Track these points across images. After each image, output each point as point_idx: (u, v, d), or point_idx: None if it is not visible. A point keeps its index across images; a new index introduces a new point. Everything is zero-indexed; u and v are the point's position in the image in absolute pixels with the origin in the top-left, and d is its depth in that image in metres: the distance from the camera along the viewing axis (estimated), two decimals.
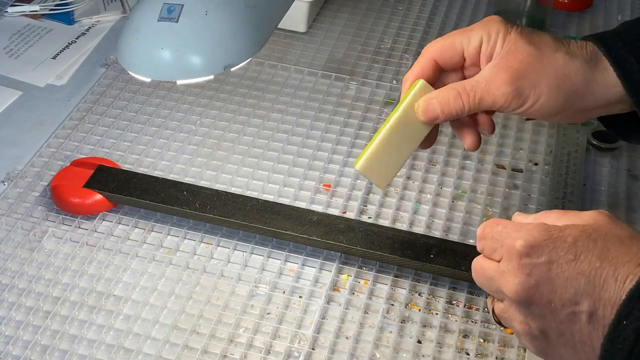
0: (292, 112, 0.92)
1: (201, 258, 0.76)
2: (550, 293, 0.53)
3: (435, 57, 0.65)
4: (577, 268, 0.52)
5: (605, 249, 0.52)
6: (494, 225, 0.57)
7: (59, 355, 0.68)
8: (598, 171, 0.86)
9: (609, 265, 0.52)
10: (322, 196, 0.83)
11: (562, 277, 0.53)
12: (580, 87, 0.63)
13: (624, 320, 0.50)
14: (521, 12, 1.03)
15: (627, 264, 0.51)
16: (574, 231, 0.54)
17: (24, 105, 0.95)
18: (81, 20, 1.08)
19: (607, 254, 0.52)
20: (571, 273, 0.53)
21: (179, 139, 0.89)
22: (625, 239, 0.53)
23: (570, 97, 0.63)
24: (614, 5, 1.10)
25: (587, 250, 0.53)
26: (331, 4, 1.10)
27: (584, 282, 0.52)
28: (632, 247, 0.53)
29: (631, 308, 0.50)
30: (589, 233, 0.53)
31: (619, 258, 0.52)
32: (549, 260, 0.53)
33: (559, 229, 0.54)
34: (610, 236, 0.53)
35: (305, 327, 0.71)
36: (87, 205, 0.79)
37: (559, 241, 0.53)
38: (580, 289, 0.52)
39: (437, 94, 0.64)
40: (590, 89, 0.63)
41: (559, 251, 0.53)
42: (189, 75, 0.71)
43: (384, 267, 0.75)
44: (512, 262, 0.55)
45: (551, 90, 0.62)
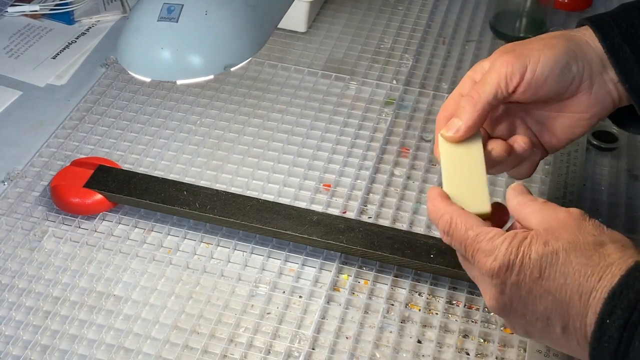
0: (292, 112, 0.92)
1: (201, 258, 0.76)
2: (523, 309, 0.56)
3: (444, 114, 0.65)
4: (544, 286, 0.54)
5: (568, 262, 0.53)
6: (461, 228, 0.58)
7: (59, 355, 0.68)
8: (598, 171, 0.86)
9: (573, 281, 0.53)
10: (322, 196, 0.83)
11: (531, 296, 0.55)
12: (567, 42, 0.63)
13: (607, 319, 0.51)
14: (521, 12, 1.03)
15: (589, 277, 0.53)
16: (539, 246, 0.54)
17: (24, 105, 0.95)
18: (81, 20, 1.08)
19: (570, 268, 0.53)
20: (538, 291, 0.54)
21: (179, 139, 0.89)
22: (588, 247, 0.54)
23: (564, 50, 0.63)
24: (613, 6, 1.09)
25: (550, 266, 0.54)
26: (331, 4, 1.10)
27: (551, 300, 0.54)
28: (593, 257, 0.53)
29: (613, 306, 0.51)
30: (553, 247, 0.54)
31: (581, 272, 0.53)
32: (517, 280, 0.55)
33: (527, 245, 0.55)
34: (573, 247, 0.54)
35: (305, 327, 0.71)
36: (87, 205, 0.79)
37: (526, 258, 0.54)
38: (549, 306, 0.54)
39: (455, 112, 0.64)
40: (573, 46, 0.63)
41: (525, 269, 0.54)
42: (189, 75, 0.71)
43: (384, 267, 0.75)
44: (485, 278, 0.56)
45: (545, 46, 0.63)
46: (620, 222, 0.80)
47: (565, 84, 0.64)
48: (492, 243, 0.55)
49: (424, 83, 0.97)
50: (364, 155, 0.87)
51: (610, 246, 0.54)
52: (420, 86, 0.96)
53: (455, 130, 0.62)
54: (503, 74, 0.62)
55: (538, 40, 0.64)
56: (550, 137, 0.67)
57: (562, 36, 0.64)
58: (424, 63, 1.00)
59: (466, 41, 1.04)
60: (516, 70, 0.62)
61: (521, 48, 0.63)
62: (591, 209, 0.82)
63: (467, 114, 0.62)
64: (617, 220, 0.81)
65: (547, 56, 0.62)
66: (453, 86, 0.96)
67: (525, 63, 0.62)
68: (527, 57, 0.62)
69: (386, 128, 0.90)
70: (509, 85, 0.62)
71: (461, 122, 0.62)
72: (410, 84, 0.97)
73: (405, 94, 0.95)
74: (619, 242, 0.54)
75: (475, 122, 0.62)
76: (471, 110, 0.62)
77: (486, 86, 0.62)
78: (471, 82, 0.65)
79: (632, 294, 0.51)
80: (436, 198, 0.61)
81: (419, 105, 0.94)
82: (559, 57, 0.63)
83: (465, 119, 0.62)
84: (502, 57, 0.63)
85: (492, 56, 0.65)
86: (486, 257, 0.56)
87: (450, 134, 0.63)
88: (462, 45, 1.03)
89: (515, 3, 1.02)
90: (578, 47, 0.64)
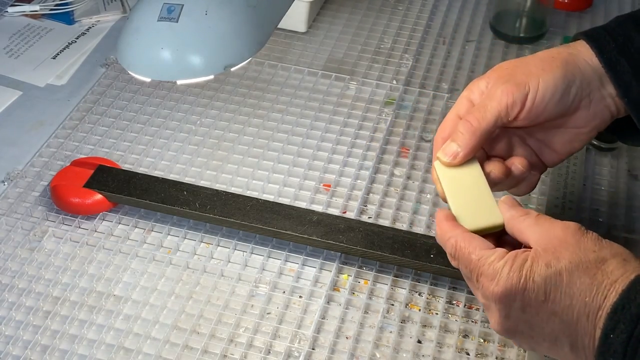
0: (292, 112, 0.92)
1: (201, 258, 0.76)
2: (530, 331, 0.56)
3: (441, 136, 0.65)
4: (550, 309, 0.54)
5: (572, 283, 0.54)
6: (465, 252, 0.58)
7: (59, 355, 0.68)
8: (598, 171, 0.86)
9: (579, 302, 0.53)
10: (322, 196, 0.83)
11: (538, 319, 0.55)
12: (564, 64, 0.63)
13: (610, 334, 0.51)
14: (521, 12, 1.03)
15: (595, 297, 0.53)
16: (542, 268, 0.54)
17: (24, 105, 0.95)
18: (81, 20, 1.08)
19: (574, 289, 0.53)
20: (545, 314, 0.55)
21: (179, 139, 0.89)
22: (591, 266, 0.54)
23: (562, 73, 0.63)
24: (614, 5, 1.10)
25: (555, 288, 0.54)
26: (331, 4, 1.10)
27: (558, 322, 0.54)
28: (596, 275, 0.53)
29: (616, 321, 0.51)
30: (556, 268, 0.54)
31: (586, 292, 0.53)
32: (523, 305, 0.55)
33: (529, 268, 0.55)
34: (576, 266, 0.54)
35: (305, 327, 0.71)
36: (87, 205, 0.79)
37: (530, 282, 0.54)
38: (556, 328, 0.54)
39: (452, 136, 0.64)
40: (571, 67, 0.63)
41: (530, 293, 0.54)
42: (189, 75, 0.71)
43: (384, 267, 0.75)
44: (489, 302, 0.57)
45: (544, 70, 0.63)
46: (620, 222, 0.80)
47: (565, 107, 0.64)
48: (494, 267, 0.56)
49: (424, 83, 0.97)
50: (364, 155, 0.87)
51: (612, 262, 0.54)
52: (420, 86, 0.96)
53: (452, 156, 0.62)
54: (504, 104, 0.62)
55: (536, 61, 0.64)
56: (550, 153, 0.67)
57: (560, 57, 0.64)
58: (424, 63, 1.00)
59: (466, 41, 1.04)
60: (517, 100, 0.62)
61: (520, 73, 0.63)
62: (591, 209, 0.82)
63: (465, 141, 0.62)
64: (617, 221, 0.81)
65: (547, 82, 0.62)
66: (453, 86, 0.97)
67: (525, 92, 0.62)
68: (527, 85, 0.62)
69: (386, 128, 0.90)
70: (510, 114, 0.62)
71: (459, 149, 0.62)
72: (410, 84, 0.97)
73: (405, 94, 0.95)
74: (619, 255, 0.54)
75: (473, 149, 0.62)
76: (469, 137, 0.62)
77: (486, 114, 0.62)
78: (468, 103, 0.65)
79: (635, 308, 0.51)
80: (442, 221, 0.61)
81: (419, 105, 0.94)
82: (558, 82, 0.62)
83: (464, 145, 0.62)
84: (502, 86, 0.62)
85: (489, 76, 0.65)
86: (489, 281, 0.56)
87: (448, 159, 0.63)
88: (462, 45, 1.03)
89: (515, 3, 1.02)
90: (576, 67, 0.63)
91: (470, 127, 0.62)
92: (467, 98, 0.65)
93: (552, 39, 1.04)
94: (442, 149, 0.63)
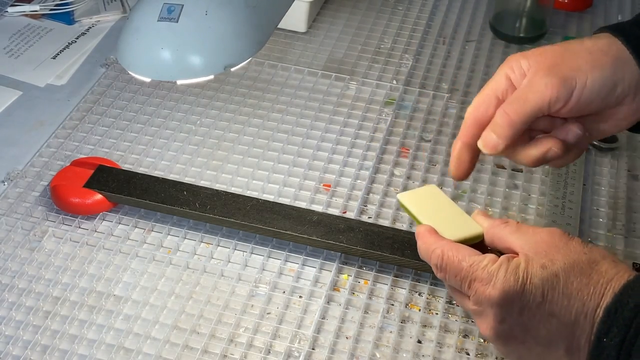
0: (292, 112, 0.92)
1: (201, 258, 0.76)
2: (524, 335, 0.55)
3: (475, 113, 0.63)
4: (547, 309, 0.54)
5: (569, 283, 0.53)
6: (455, 260, 0.57)
7: (59, 355, 0.68)
8: (598, 171, 0.86)
9: (577, 301, 0.53)
10: (322, 196, 0.83)
11: (534, 320, 0.54)
12: (615, 61, 0.61)
13: (604, 338, 0.51)
14: (521, 12, 1.03)
15: (592, 296, 0.53)
16: (538, 270, 0.54)
17: (24, 105, 0.95)
18: (81, 20, 1.08)
19: (572, 289, 0.53)
20: (542, 315, 0.54)
21: (179, 139, 0.89)
22: (585, 266, 0.54)
23: (612, 71, 0.60)
24: (614, 5, 1.10)
25: (552, 289, 0.54)
26: (331, 4, 1.10)
27: (556, 324, 0.54)
28: (592, 275, 0.53)
29: (609, 325, 0.51)
30: (552, 269, 0.54)
31: (584, 291, 0.53)
32: (521, 306, 0.54)
33: (524, 269, 0.54)
34: (571, 267, 0.54)
35: (305, 327, 0.71)
36: (87, 205, 0.79)
37: (527, 284, 0.54)
38: (552, 330, 0.54)
39: (489, 124, 0.62)
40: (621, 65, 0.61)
41: (528, 295, 0.54)
42: (189, 75, 0.71)
43: (384, 267, 0.75)
44: (484, 307, 0.56)
45: (594, 67, 0.60)
46: (620, 222, 0.80)
47: (610, 104, 0.62)
48: (488, 270, 0.55)
49: (424, 83, 0.97)
50: (364, 155, 0.87)
51: (603, 263, 0.54)
52: (420, 86, 0.96)
53: (493, 148, 0.61)
54: (547, 99, 0.60)
55: (585, 54, 0.61)
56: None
57: (611, 52, 0.61)
58: (424, 63, 1.00)
59: (466, 41, 1.04)
60: (561, 97, 0.60)
61: (567, 66, 0.60)
62: (591, 209, 0.82)
63: (504, 133, 0.60)
64: (617, 220, 0.81)
65: (595, 80, 0.60)
66: (453, 86, 0.97)
67: (571, 88, 0.60)
68: (574, 81, 0.60)
69: (386, 128, 0.90)
70: (551, 109, 0.60)
71: (499, 140, 0.60)
72: (410, 84, 0.97)
73: (405, 94, 0.95)
74: (608, 257, 0.55)
75: (512, 140, 0.61)
76: (508, 129, 0.60)
77: (526, 106, 0.60)
78: (507, 81, 0.62)
79: (627, 312, 0.51)
80: (425, 235, 0.60)
81: (419, 105, 0.94)
82: (607, 80, 0.60)
83: (503, 137, 0.60)
84: (547, 79, 0.60)
85: (531, 57, 0.61)
86: (484, 285, 0.55)
87: (488, 151, 0.61)
88: (462, 45, 1.03)
89: (515, 3, 1.02)
90: (626, 65, 0.61)
91: (508, 120, 0.60)
92: (506, 76, 0.62)
93: (552, 39, 1.04)
94: (482, 140, 0.61)
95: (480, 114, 0.62)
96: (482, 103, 0.62)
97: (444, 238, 0.60)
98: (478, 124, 0.62)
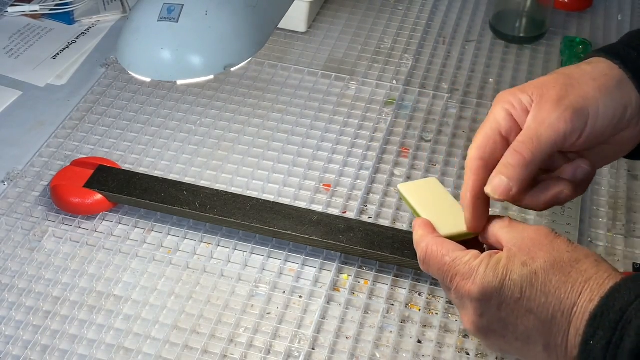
0: (292, 112, 0.92)
1: (201, 258, 0.76)
2: (503, 330, 0.56)
3: (481, 156, 0.58)
4: (525, 306, 0.54)
5: (548, 281, 0.53)
6: (438, 255, 0.58)
7: (59, 355, 0.68)
8: (598, 171, 0.85)
9: (554, 299, 0.53)
10: (322, 196, 0.83)
11: (513, 316, 0.55)
12: (619, 85, 0.58)
13: (590, 341, 0.52)
14: (521, 12, 1.03)
15: (570, 294, 0.53)
16: (518, 266, 0.54)
17: (24, 105, 0.95)
18: (81, 20, 1.08)
19: (550, 286, 0.53)
20: (520, 312, 0.54)
21: (179, 139, 0.89)
22: (565, 265, 0.54)
23: (620, 95, 0.58)
24: (614, 5, 1.10)
25: (531, 286, 0.54)
26: (331, 4, 1.10)
27: (533, 320, 0.54)
28: (571, 273, 0.53)
29: (595, 328, 0.51)
30: (532, 267, 0.54)
31: (561, 289, 0.53)
32: (499, 302, 0.55)
33: (504, 266, 0.55)
34: (551, 265, 0.54)
35: (305, 327, 0.71)
36: (87, 205, 0.79)
37: (507, 280, 0.54)
38: (530, 326, 0.54)
39: (498, 167, 0.57)
40: (626, 88, 0.58)
41: (506, 291, 0.54)
42: (189, 75, 0.71)
43: (384, 267, 0.75)
44: (464, 302, 0.57)
45: (602, 93, 0.57)
46: (620, 222, 0.80)
47: (621, 129, 0.59)
48: (469, 266, 0.56)
49: (424, 83, 0.97)
50: (364, 155, 0.87)
51: (585, 262, 0.54)
52: (420, 86, 0.96)
53: (505, 193, 0.56)
54: (562, 133, 0.56)
55: (588, 80, 0.58)
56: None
57: (612, 74, 0.58)
58: (424, 63, 1.00)
59: (466, 41, 1.04)
60: (577, 128, 0.56)
61: (575, 95, 0.57)
62: (591, 209, 0.82)
63: (518, 175, 0.56)
64: (617, 220, 0.81)
65: (607, 106, 0.57)
66: (453, 86, 0.97)
67: (585, 119, 0.56)
68: (586, 110, 0.57)
69: (386, 128, 0.90)
70: (566, 143, 0.57)
71: (512, 184, 0.56)
72: (410, 84, 0.97)
73: (405, 94, 0.95)
74: (592, 256, 0.54)
75: (526, 182, 0.57)
76: (522, 170, 0.56)
77: (541, 145, 0.56)
78: (509, 118, 0.58)
79: (613, 315, 0.51)
80: (416, 228, 0.61)
81: (419, 105, 0.94)
82: (617, 105, 0.57)
83: (517, 179, 0.56)
84: (558, 113, 0.56)
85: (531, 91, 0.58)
86: (464, 280, 0.56)
87: (499, 196, 0.56)
88: (462, 45, 1.03)
89: (515, 3, 1.02)
90: (628, 86, 0.58)
91: (522, 160, 0.56)
92: (507, 112, 0.58)
93: (552, 39, 1.04)
94: (491, 185, 0.57)
95: (487, 156, 0.58)
96: (486, 143, 0.58)
97: (433, 232, 0.60)
98: (486, 166, 0.58)
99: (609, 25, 1.06)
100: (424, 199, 0.64)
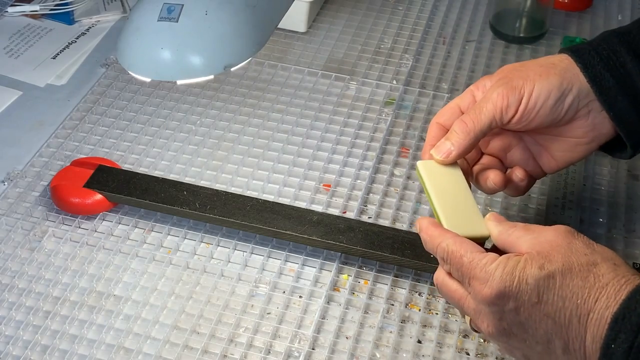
0: (292, 112, 0.92)
1: (201, 258, 0.76)
2: (523, 333, 0.56)
3: (437, 121, 0.67)
4: (542, 310, 0.54)
5: (565, 285, 0.54)
6: (457, 255, 0.58)
7: (59, 355, 0.68)
8: (598, 171, 0.86)
9: (571, 304, 0.54)
10: (322, 196, 0.83)
11: (531, 320, 0.55)
12: (563, 72, 0.64)
13: (612, 344, 0.52)
14: (521, 12, 1.03)
15: (587, 300, 0.53)
16: (535, 270, 0.54)
17: (24, 105, 0.95)
18: (81, 20, 1.08)
19: (567, 291, 0.54)
20: (538, 315, 0.55)
21: (179, 139, 0.89)
22: (582, 269, 0.54)
23: (559, 80, 0.64)
24: (614, 5, 1.10)
25: (548, 290, 0.54)
26: (331, 4, 1.10)
27: (551, 324, 0.54)
28: (588, 278, 0.54)
29: (617, 331, 0.52)
30: (549, 270, 0.54)
31: (578, 294, 0.54)
32: (516, 306, 0.55)
33: (521, 269, 0.55)
34: (568, 269, 0.54)
35: (305, 327, 0.71)
36: (87, 205, 0.79)
37: (523, 284, 0.54)
38: (549, 329, 0.55)
39: (447, 134, 0.66)
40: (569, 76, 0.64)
41: (523, 295, 0.55)
42: (189, 75, 0.71)
43: (384, 267, 0.75)
44: (482, 306, 0.57)
45: (541, 76, 0.64)
46: (620, 222, 0.80)
47: (559, 115, 0.65)
48: (486, 270, 0.56)
49: (424, 83, 0.97)
50: (364, 155, 0.87)
51: (602, 265, 0.54)
52: (420, 86, 0.96)
53: (445, 154, 0.64)
54: (499, 107, 0.64)
55: (535, 66, 0.65)
56: (549, 160, 0.68)
57: (560, 65, 0.65)
58: (424, 63, 1.00)
59: (466, 41, 1.04)
60: (512, 104, 0.64)
61: (518, 76, 0.65)
62: (591, 209, 0.82)
63: (459, 141, 0.64)
64: (617, 220, 0.81)
65: (541, 88, 0.64)
66: (453, 86, 0.97)
67: (520, 96, 0.64)
68: (522, 89, 0.64)
69: (386, 128, 0.90)
70: (504, 118, 0.64)
71: (453, 148, 0.64)
72: (410, 84, 0.97)
73: (405, 94, 0.95)
74: (610, 260, 0.55)
75: (466, 148, 0.64)
76: (463, 137, 0.64)
77: (481, 116, 0.64)
78: (470, 97, 0.67)
79: (635, 318, 0.51)
80: (429, 227, 0.61)
81: (419, 105, 0.94)
82: (553, 89, 0.64)
83: (458, 144, 0.64)
84: (499, 89, 0.64)
85: (494, 76, 0.67)
86: (481, 284, 0.56)
87: (440, 157, 0.65)
88: (462, 45, 1.03)
89: (515, 3, 1.02)
90: (575, 77, 0.65)
91: (465, 128, 0.64)
92: (471, 92, 0.67)
93: (552, 39, 1.04)
94: (436, 147, 0.65)
95: (442, 120, 0.67)
96: (444, 112, 0.67)
97: (449, 231, 0.60)
98: (441, 129, 0.67)
99: (608, 25, 1.06)
100: (441, 186, 0.64)
